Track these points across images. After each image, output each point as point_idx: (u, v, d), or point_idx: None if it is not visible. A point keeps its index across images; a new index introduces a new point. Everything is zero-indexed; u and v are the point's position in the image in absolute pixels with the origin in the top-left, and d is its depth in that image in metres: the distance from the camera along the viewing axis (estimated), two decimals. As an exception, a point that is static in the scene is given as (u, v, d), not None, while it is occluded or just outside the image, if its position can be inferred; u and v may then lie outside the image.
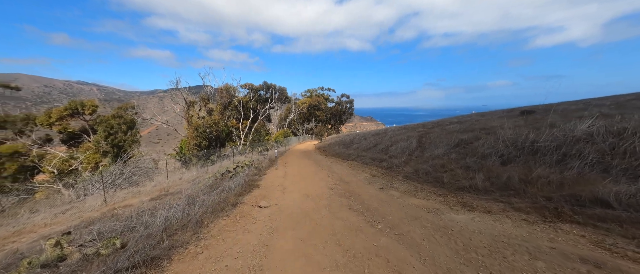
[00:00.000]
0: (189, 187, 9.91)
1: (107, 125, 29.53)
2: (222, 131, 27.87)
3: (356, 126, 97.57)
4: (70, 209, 10.72)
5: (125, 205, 9.15)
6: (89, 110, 32.75)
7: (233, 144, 31.73)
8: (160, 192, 10.16)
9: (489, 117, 14.31)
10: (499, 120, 11.68)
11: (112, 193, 13.26)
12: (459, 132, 10.91)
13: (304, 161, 14.05)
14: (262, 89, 44.47)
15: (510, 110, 15.60)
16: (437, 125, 18.11)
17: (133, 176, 16.57)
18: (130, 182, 15.89)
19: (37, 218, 9.71)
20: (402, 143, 12.53)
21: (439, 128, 14.76)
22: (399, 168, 9.11)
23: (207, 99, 24.51)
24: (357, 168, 10.71)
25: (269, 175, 9.05)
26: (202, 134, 23.59)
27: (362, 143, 18.78)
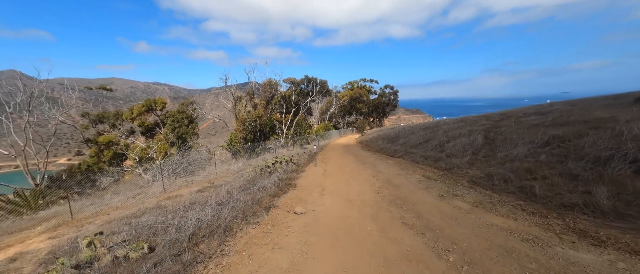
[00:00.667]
0: (232, 180, 9.88)
1: (173, 119, 33.34)
2: (265, 124, 28.59)
3: (400, 119, 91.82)
4: (140, 194, 11.80)
5: (176, 195, 9.53)
6: (159, 107, 37.30)
7: (276, 137, 32.47)
8: (208, 183, 10.40)
9: (584, 106, 11.05)
10: (605, 109, 8.75)
11: (172, 180, 14.37)
12: (546, 125, 8.48)
13: (345, 157, 13.04)
14: (304, 83, 44.47)
15: (617, 96, 11.85)
16: (505, 117, 15.04)
17: (189, 166, 17.89)
18: (187, 171, 17.17)
19: (114, 200, 10.87)
20: (463, 139, 10.47)
21: (510, 121, 12.05)
22: (460, 170, 7.40)
23: (252, 94, 25.27)
24: (407, 167, 9.24)
25: (308, 173, 8.33)
26: (247, 128, 24.46)
27: (410, 138, 16.82)
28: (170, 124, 33.78)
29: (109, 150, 34.47)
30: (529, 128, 9.19)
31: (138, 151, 30.02)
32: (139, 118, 37.59)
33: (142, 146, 30.96)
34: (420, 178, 7.45)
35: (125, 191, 13.90)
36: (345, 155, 13.44)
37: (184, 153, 19.00)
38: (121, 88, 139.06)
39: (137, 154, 29.96)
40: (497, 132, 10.22)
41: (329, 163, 10.41)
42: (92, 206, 10.00)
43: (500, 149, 8.00)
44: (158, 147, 31.61)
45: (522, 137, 8.02)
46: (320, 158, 12.21)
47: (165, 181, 15.47)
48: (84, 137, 39.61)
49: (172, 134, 33.02)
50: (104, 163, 32.22)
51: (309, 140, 29.29)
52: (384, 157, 12.60)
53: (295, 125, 32.34)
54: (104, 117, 39.97)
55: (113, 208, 9.50)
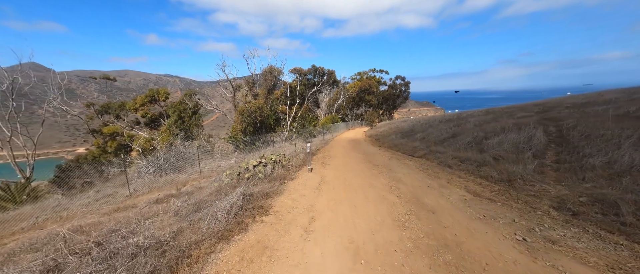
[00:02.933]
0: (205, 185, 7.56)
1: (177, 110, 31.67)
2: (267, 116, 26.23)
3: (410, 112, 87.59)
4: (111, 195, 9.71)
5: (131, 205, 7.29)
6: (162, 97, 35.57)
7: (281, 129, 30.16)
8: (176, 189, 8.13)
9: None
10: None
11: (155, 178, 12.29)
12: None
13: (351, 156, 10.44)
14: (310, 73, 41.62)
15: None
16: (547, 108, 11.93)
17: (177, 162, 15.77)
18: (174, 168, 15.06)
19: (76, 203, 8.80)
20: (510, 134, 7.64)
21: (561, 111, 9.09)
22: (529, 184, 4.70)
23: (252, 83, 22.88)
24: (436, 173, 6.59)
25: (297, 183, 5.78)
26: (247, 119, 22.18)
27: (430, 132, 13.98)
28: (173, 115, 32.12)
29: (113, 141, 33.21)
30: (616, 120, 6.29)
31: (141, 143, 28.36)
32: (142, 108, 36.06)
33: (145, 138, 29.48)
34: (463, 194, 4.80)
35: (105, 189, 11.80)
36: (352, 153, 10.83)
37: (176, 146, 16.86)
38: (134, 80, 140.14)
39: (141, 145, 28.25)
40: (561, 126, 7.33)
41: (330, 166, 7.84)
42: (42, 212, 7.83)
43: (585, 151, 5.22)
44: (162, 138, 29.85)
45: (620, 132, 5.20)
46: (320, 157, 9.64)
47: (147, 179, 13.34)
48: (89, 128, 38.54)
49: (175, 125, 31.35)
50: (109, 154, 31.05)
51: (315, 133, 26.78)
52: (400, 156, 9.91)
53: (299, 118, 29.86)
54: (109, 107, 38.71)
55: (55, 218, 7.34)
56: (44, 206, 8.61)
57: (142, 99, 35.43)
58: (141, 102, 35.15)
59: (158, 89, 36.58)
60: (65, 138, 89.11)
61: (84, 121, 37.36)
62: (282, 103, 32.38)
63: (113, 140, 33.11)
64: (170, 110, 33.32)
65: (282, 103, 32.56)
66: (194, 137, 29.25)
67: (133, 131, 34.36)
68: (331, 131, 27.08)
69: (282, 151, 14.11)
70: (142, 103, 35.29)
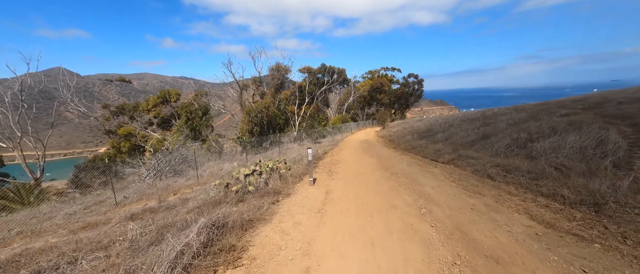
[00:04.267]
0: (193, 196, 6.42)
1: (186, 110, 31.41)
2: (274, 115, 25.17)
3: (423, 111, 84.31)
4: (102, 203, 8.84)
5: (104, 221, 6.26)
6: (173, 98, 35.52)
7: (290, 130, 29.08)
8: (158, 200, 7.04)
9: None
10: None
11: (151, 183, 11.45)
12: None
13: (364, 161, 8.99)
14: (320, 72, 40.29)
15: None
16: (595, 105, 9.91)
17: (180, 165, 14.91)
18: (175, 171, 14.20)
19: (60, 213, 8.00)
20: (570, 136, 5.94)
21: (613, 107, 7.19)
22: (634, 208, 3.15)
23: (259, 82, 21.86)
24: (475, 187, 5.05)
25: (293, 202, 4.32)
26: (253, 119, 21.16)
27: (452, 132, 12.26)
28: (184, 116, 31.88)
29: (127, 142, 33.42)
30: None
31: (153, 143, 28.16)
32: (154, 109, 36.16)
33: (158, 138, 29.42)
34: (529, 224, 3.29)
35: (100, 195, 11.04)
36: (364, 158, 9.37)
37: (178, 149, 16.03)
38: (151, 83, 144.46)
39: (153, 146, 28.00)
40: (638, 125, 5.56)
41: (338, 175, 6.41)
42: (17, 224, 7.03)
43: None
44: (173, 139, 29.47)
45: None
46: (327, 163, 8.23)
47: (147, 182, 12.53)
48: (105, 128, 39.14)
49: (185, 126, 31.07)
50: (123, 154, 31.20)
51: (325, 134, 25.45)
52: (421, 162, 8.35)
53: (308, 117, 28.60)
54: (123, 109, 39.17)
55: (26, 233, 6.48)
56: (33, 214, 7.79)
57: (155, 100, 35.48)
58: (153, 103, 35.20)
59: (169, 90, 36.56)
60: (89, 138, 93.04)
61: (100, 122, 37.99)
62: (291, 103, 31.26)
63: (127, 141, 33.29)
64: (182, 111, 33.16)
65: (291, 103, 31.46)
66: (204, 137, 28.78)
67: (146, 131, 34.46)
68: (341, 131, 25.62)
69: (288, 154, 12.87)
70: (155, 104, 35.34)
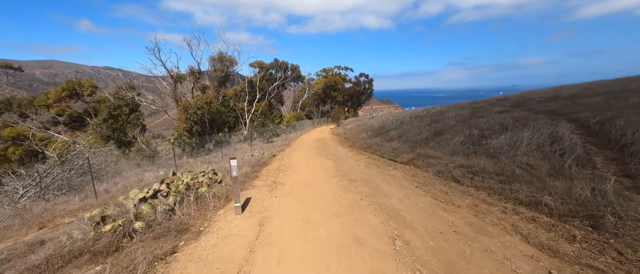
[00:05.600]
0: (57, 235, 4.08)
1: (107, 107, 25.16)
2: (220, 113, 22.11)
3: (373, 109, 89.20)
4: None
5: None
6: (87, 91, 28.23)
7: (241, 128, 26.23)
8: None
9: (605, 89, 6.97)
10: None
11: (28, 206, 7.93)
12: None
13: (318, 165, 7.71)
14: (273, 67, 37.89)
15: None
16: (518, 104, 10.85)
17: (80, 177, 11.09)
18: (71, 187, 10.44)
19: None
20: (523, 133, 5.74)
21: (562, 103, 7.71)
22: (629, 223, 2.60)
23: (198, 73, 18.50)
24: (445, 194, 4.25)
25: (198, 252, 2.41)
26: (192, 117, 17.89)
27: (404, 129, 12.07)
28: (104, 113, 25.59)
29: (18, 147, 25.06)
30: None
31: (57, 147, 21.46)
32: (57, 105, 28.31)
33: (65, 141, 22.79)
34: (532, 253, 2.46)
35: None
36: (319, 161, 8.11)
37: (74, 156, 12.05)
38: (63, 72, 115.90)
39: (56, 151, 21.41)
40: (580, 120, 5.66)
41: (284, 189, 4.87)
42: None
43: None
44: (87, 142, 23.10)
45: None
46: (273, 170, 6.63)
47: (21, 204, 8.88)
48: (-22, 130, 28.95)
49: (105, 125, 24.96)
50: (12, 162, 23.05)
51: (279, 132, 23.54)
52: (380, 162, 7.53)
53: (260, 115, 26.23)
54: (10, 103, 29.65)
55: None
56: None
57: (58, 93, 27.78)
58: (56, 97, 27.49)
59: (81, 81, 29.17)
60: (-40, 143, 69.31)
61: (-29, 121, 27.92)
62: (242, 100, 28.23)
63: (17, 145, 25.01)
64: (101, 107, 26.67)
65: (241, 99, 28.39)
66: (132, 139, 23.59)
67: (48, 133, 26.60)
68: (296, 129, 24.13)
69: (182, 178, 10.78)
70: (58, 99, 27.63)
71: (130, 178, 10.78)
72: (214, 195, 3.89)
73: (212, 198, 3.82)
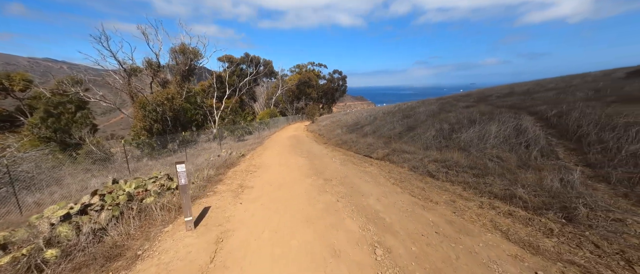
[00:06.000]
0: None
1: (47, 104, 21.47)
2: (185, 110, 20.31)
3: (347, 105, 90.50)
4: None
5: None
6: (18, 86, 23.93)
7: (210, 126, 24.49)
8: None
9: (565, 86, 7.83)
10: None
11: None
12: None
13: (291, 164, 7.24)
14: (244, 62, 36.11)
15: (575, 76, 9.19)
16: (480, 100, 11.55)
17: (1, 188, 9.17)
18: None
19: None
20: (490, 126, 5.90)
21: (519, 98, 8.23)
22: (607, 213, 2.63)
23: (157, 66, 16.49)
24: (422, 190, 4.11)
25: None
26: (150, 115, 16.05)
27: (379, 125, 12.11)
28: (41, 111, 21.89)
29: None
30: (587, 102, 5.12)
31: None
32: (-22, 102, 23.86)
33: None
34: (523, 258, 2.34)
35: None
36: (292, 159, 7.64)
37: None
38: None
39: None
40: (540, 113, 6.00)
41: (251, 194, 4.31)
42: None
43: (612, 144, 3.56)
44: (22, 145, 19.70)
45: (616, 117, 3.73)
46: (241, 171, 5.97)
47: None
48: None
49: (43, 125, 21.37)
50: None
51: (251, 130, 22.39)
52: (355, 158, 7.31)
53: (230, 112, 24.75)
54: None
55: None
56: None
57: (-23, 89, 23.32)
58: (-24, 92, 23.09)
59: (9, 74, 24.77)
60: None
61: None
62: (210, 96, 26.32)
63: None
64: (38, 104, 22.86)
65: (209, 95, 26.45)
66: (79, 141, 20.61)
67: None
68: (269, 126, 23.19)
69: (198, 159, 9.81)
70: (-21, 94, 23.23)
71: (72, 187, 9.21)
72: (163, 207, 3.22)
73: (160, 211, 3.14)
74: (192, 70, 18.28)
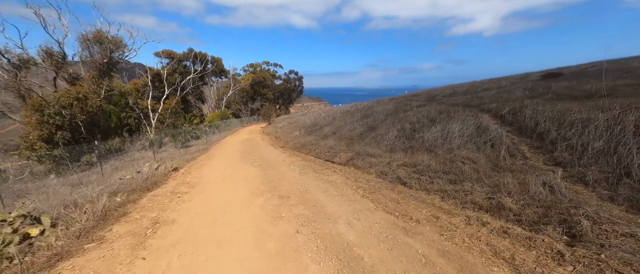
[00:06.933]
0: None
1: None
2: (107, 112, 16.43)
3: (304, 106, 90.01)
4: None
5: None
6: None
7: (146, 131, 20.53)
8: None
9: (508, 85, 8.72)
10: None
11: None
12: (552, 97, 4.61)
13: (239, 177, 5.87)
14: (187, 58, 31.95)
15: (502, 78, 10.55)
16: (428, 100, 12.11)
17: None
18: None
19: None
20: (451, 125, 5.66)
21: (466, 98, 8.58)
22: (612, 225, 2.26)
23: (61, 57, 12.38)
24: (396, 203, 3.39)
25: None
26: (52, 120, 12.20)
27: (339, 126, 11.50)
28: None
29: None
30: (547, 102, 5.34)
31: None
32: None
33: None
34: None
35: None
36: (242, 168, 6.27)
37: None
38: None
39: None
40: (493, 111, 6.07)
41: (169, 232, 2.92)
42: None
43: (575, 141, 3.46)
44: None
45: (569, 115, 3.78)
46: (163, 196, 4.30)
47: None
48: None
49: None
50: None
51: (199, 134, 19.43)
52: (316, 164, 6.38)
53: (171, 114, 21.25)
54: None
55: None
56: None
57: None
58: None
59: None
60: None
61: None
62: (146, 96, 22.09)
63: None
64: None
65: (146, 96, 22.19)
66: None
67: None
68: (220, 130, 20.58)
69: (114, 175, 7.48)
70: None
71: None
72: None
73: None
74: (114, 63, 14.67)
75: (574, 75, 10.27)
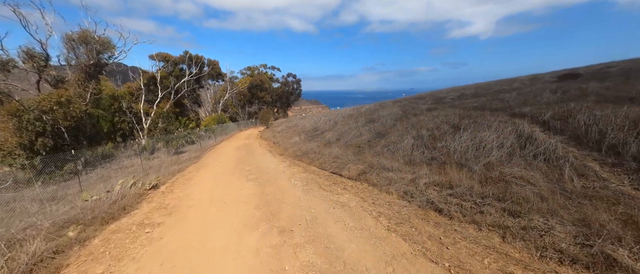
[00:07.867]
0: None
1: None
2: (95, 117, 15.34)
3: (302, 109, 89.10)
4: None
5: None
6: None
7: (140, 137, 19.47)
8: None
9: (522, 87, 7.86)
10: None
11: None
12: None
13: (229, 197, 4.84)
14: (183, 61, 30.92)
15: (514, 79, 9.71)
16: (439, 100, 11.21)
17: None
18: None
19: None
20: (483, 133, 4.74)
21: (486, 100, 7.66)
22: None
23: (44, 59, 11.30)
24: (437, 241, 2.46)
25: None
26: (32, 126, 11.09)
27: (342, 131, 10.52)
28: None
29: None
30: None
31: None
32: None
33: None
34: None
35: None
36: (235, 182, 5.26)
37: None
38: None
39: None
40: (533, 117, 5.14)
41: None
42: None
43: None
44: None
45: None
46: (134, 223, 3.24)
47: None
48: None
49: None
50: None
51: (194, 139, 18.35)
52: (321, 178, 5.38)
53: (163, 118, 20.16)
54: None
55: None
56: None
57: None
58: None
59: None
60: None
61: None
62: (140, 100, 21.00)
63: None
64: None
65: (139, 99, 21.10)
66: None
67: None
68: (216, 134, 19.49)
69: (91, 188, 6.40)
70: None
71: None
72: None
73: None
74: (101, 65, 13.61)
75: (594, 76, 9.46)
